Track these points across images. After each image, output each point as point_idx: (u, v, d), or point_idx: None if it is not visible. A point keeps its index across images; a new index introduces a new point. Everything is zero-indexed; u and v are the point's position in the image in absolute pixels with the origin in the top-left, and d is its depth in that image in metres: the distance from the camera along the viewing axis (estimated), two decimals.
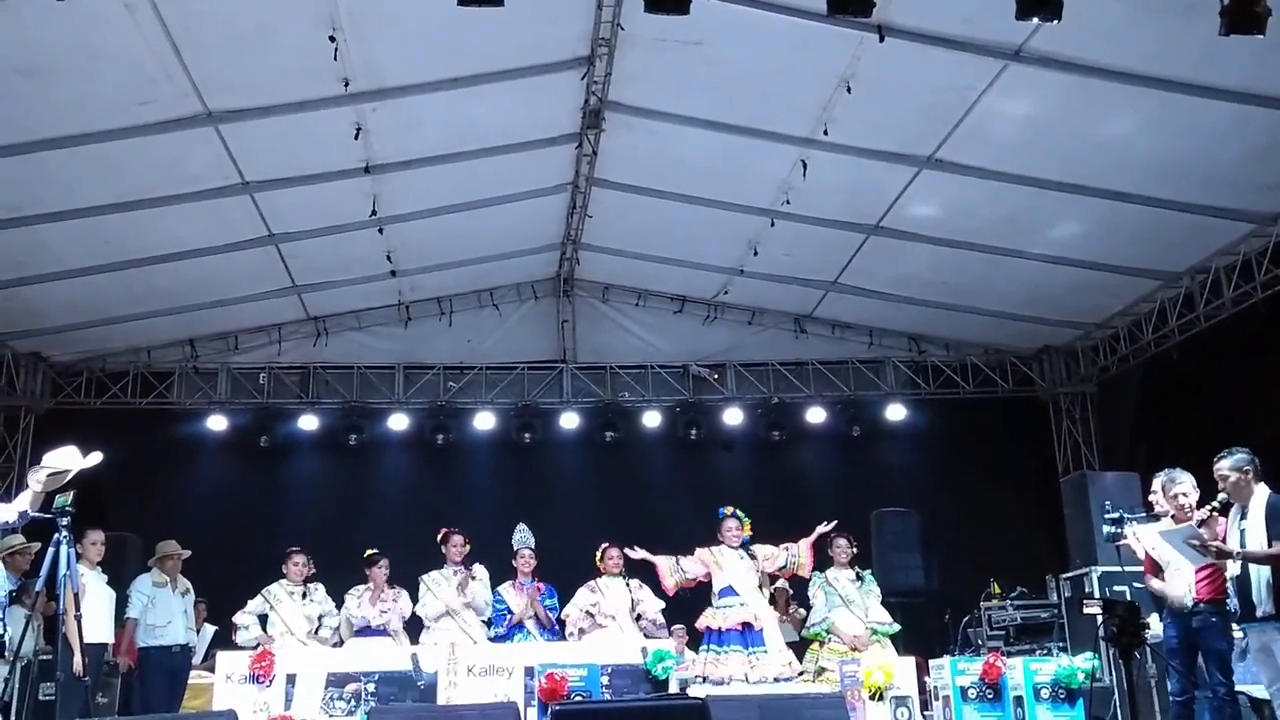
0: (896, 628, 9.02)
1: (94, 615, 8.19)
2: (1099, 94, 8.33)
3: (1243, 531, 6.11)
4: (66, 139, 8.49)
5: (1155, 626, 6.87)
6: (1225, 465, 6.19)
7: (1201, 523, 6.36)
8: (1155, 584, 6.76)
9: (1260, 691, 6.37)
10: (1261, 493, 6.14)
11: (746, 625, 8.30)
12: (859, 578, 9.07)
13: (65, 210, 9.49)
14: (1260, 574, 5.99)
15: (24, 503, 6.19)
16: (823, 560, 9.10)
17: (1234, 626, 6.41)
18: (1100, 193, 9.68)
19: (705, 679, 8.10)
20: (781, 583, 11.32)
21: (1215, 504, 6.28)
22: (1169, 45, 7.73)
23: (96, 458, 6.32)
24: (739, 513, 8.87)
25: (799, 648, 9.15)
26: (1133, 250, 10.75)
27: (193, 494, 12.80)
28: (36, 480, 6.18)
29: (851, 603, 8.87)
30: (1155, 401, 12.38)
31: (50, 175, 8.95)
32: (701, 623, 8.56)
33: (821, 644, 8.84)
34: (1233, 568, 6.17)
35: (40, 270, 10.42)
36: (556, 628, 8.88)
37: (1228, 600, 6.39)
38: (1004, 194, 9.94)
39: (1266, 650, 5.98)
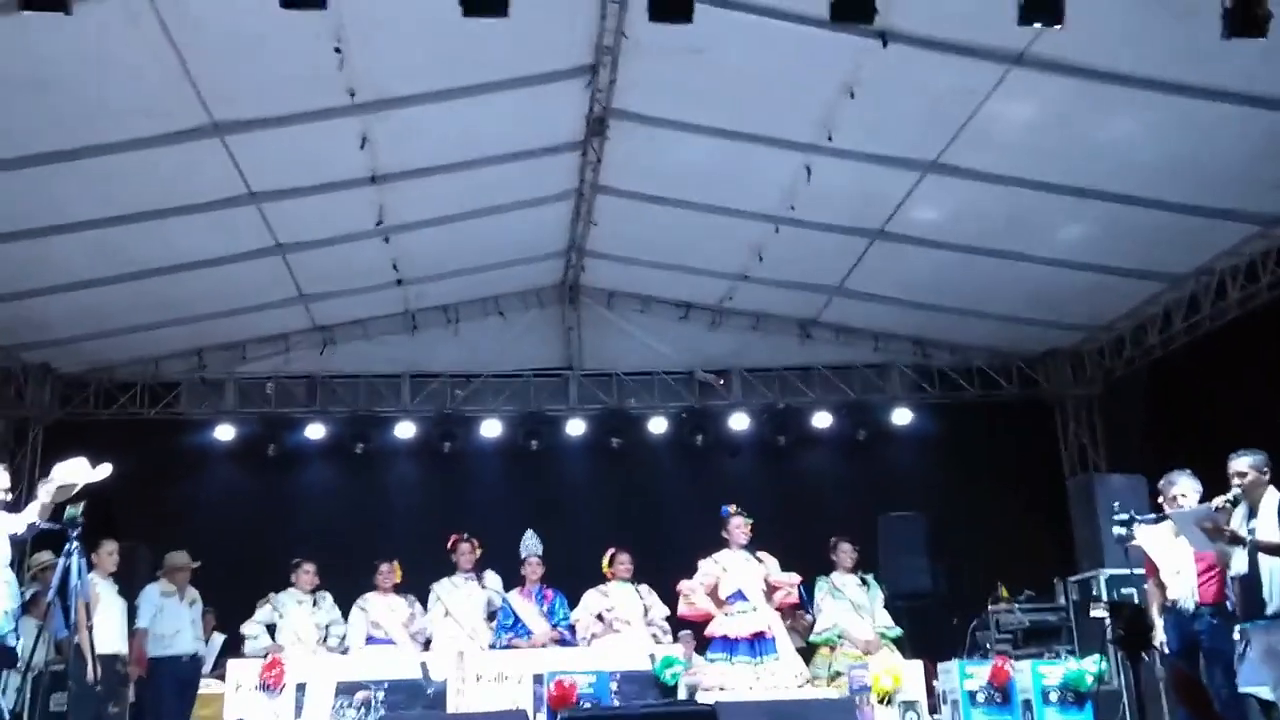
0: (899, 631, 9.01)
1: (107, 625, 8.24)
2: (1102, 97, 8.34)
3: (1251, 531, 6.09)
4: (72, 151, 8.52)
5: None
6: (1245, 462, 6.17)
7: (1218, 509, 6.32)
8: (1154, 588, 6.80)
9: (1266, 693, 6.35)
10: (1272, 494, 6.14)
11: (758, 635, 8.11)
12: (864, 582, 9.06)
13: (72, 222, 9.52)
14: (1272, 571, 5.96)
15: (32, 514, 6.23)
16: (827, 564, 9.08)
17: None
18: (1104, 196, 9.68)
19: (721, 688, 7.96)
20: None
21: (1229, 497, 6.24)
22: (1172, 48, 7.74)
23: (106, 470, 6.34)
24: (743, 511, 8.65)
25: (805, 654, 9.11)
26: (1137, 253, 10.75)
27: (201, 503, 12.80)
28: (46, 492, 6.21)
29: (860, 607, 8.86)
30: (1161, 403, 12.36)
31: (56, 187, 8.98)
32: (714, 629, 8.30)
33: (833, 649, 8.81)
34: (1237, 565, 6.15)
35: (47, 282, 10.46)
36: (571, 639, 8.84)
37: (1228, 603, 6.39)
38: (1008, 198, 9.94)
39: (1273, 651, 5.95)
